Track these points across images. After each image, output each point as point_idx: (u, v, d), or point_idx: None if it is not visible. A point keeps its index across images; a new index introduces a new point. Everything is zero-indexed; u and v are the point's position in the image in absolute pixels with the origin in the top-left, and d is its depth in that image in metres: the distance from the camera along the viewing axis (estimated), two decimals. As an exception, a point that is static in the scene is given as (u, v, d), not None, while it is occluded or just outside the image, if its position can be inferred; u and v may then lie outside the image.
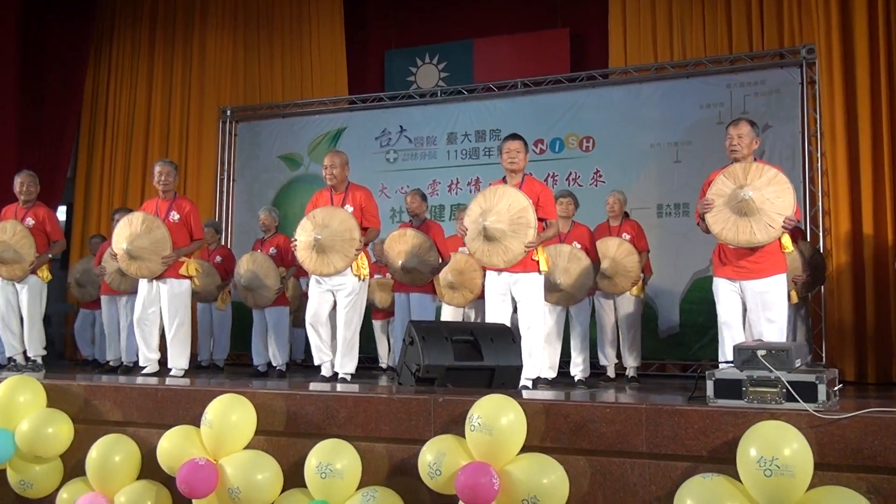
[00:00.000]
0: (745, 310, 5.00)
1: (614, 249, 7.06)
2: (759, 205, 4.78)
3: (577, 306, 6.89)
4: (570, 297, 6.70)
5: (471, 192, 9.21)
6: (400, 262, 6.89)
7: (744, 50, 8.54)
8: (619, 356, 7.43)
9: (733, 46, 8.60)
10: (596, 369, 7.33)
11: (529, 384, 5.48)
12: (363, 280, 6.06)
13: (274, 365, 7.80)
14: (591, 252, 6.78)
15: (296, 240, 6.06)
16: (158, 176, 6.57)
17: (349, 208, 6.06)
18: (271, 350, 7.83)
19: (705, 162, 7.94)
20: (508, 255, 5.41)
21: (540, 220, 5.48)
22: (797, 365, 3.53)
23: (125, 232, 6.37)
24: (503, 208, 5.40)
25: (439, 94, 9.87)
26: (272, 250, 7.74)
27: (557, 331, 6.85)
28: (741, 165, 4.90)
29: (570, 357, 7.02)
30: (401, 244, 6.98)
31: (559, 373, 6.84)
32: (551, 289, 6.48)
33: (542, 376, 6.62)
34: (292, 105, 10.48)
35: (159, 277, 6.41)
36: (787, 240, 4.94)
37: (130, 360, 7.88)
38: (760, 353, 3.49)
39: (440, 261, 7.02)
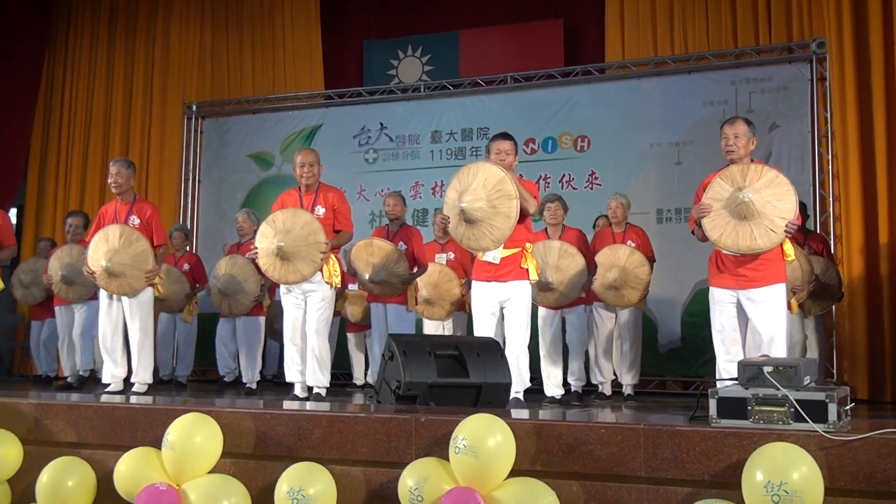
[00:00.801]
0: (743, 323, 5.02)
1: (624, 258, 7.06)
2: (760, 208, 4.80)
3: (572, 313, 6.93)
4: (563, 296, 6.71)
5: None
6: (367, 275, 6.92)
7: (750, 44, 8.60)
8: (614, 372, 7.45)
9: (738, 40, 8.66)
10: (589, 387, 7.34)
11: (520, 396, 5.49)
12: (334, 288, 6.06)
13: (243, 381, 7.76)
14: (587, 256, 6.79)
15: (256, 248, 6.05)
16: (111, 177, 6.54)
17: (320, 210, 6.05)
18: (242, 364, 7.80)
19: (708, 163, 7.96)
20: (496, 233, 5.43)
21: None
22: (806, 382, 3.54)
23: (102, 248, 6.30)
24: (478, 185, 5.41)
25: (422, 90, 9.87)
26: (250, 255, 7.71)
27: (557, 343, 6.88)
28: (739, 167, 4.93)
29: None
30: (367, 255, 6.97)
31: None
32: (542, 288, 6.51)
33: (550, 394, 6.67)
34: (263, 100, 10.47)
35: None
36: (789, 247, 4.96)
37: (86, 368, 7.82)
38: (767, 369, 3.51)
39: (413, 270, 7.03)
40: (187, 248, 9.04)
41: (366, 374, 8.52)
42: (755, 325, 4.93)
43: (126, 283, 6.30)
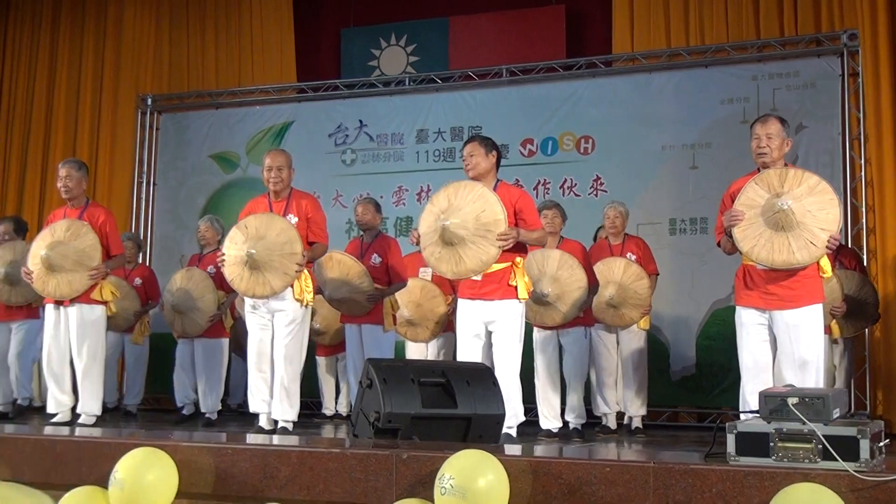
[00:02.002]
0: (774, 347, 5.02)
1: (620, 272, 7.09)
2: (800, 217, 4.80)
3: (569, 336, 6.91)
4: (559, 314, 6.70)
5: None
6: (326, 293, 6.94)
7: (774, 35, 8.64)
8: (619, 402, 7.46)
9: (761, 30, 8.70)
10: (592, 418, 7.33)
11: (513, 432, 5.49)
12: (306, 307, 6.05)
13: (203, 411, 7.72)
14: (588, 271, 6.81)
15: (223, 254, 6.04)
16: (60, 180, 6.53)
17: (292, 219, 6.06)
18: (201, 391, 7.75)
19: (727, 168, 8.01)
20: (460, 266, 5.45)
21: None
22: (835, 416, 3.55)
23: (45, 241, 6.33)
24: (470, 214, 5.42)
25: (407, 83, 9.90)
26: (211, 269, 7.69)
27: (554, 368, 6.88)
28: (777, 171, 4.93)
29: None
30: (327, 271, 7.00)
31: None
32: (538, 302, 6.50)
33: (547, 428, 6.66)
34: (228, 93, 10.47)
35: (69, 301, 6.36)
36: (826, 263, 4.95)
37: (25, 396, 7.76)
38: (791, 401, 3.51)
39: (388, 285, 7.03)
40: (139, 259, 9.02)
41: (336, 403, 8.53)
42: (787, 350, 4.91)
43: (65, 280, 6.28)
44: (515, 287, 5.56)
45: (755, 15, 8.75)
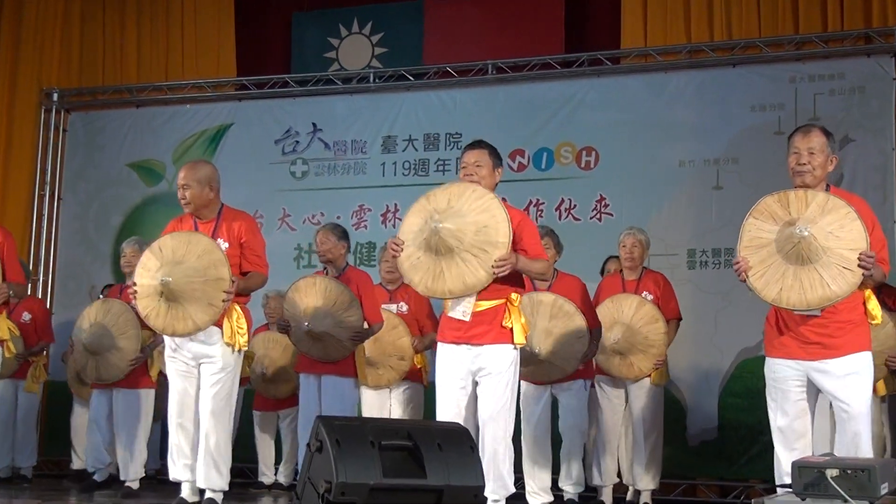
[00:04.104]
0: (812, 404, 5.05)
1: (631, 312, 7.11)
2: (823, 242, 4.82)
3: (567, 391, 6.90)
4: (555, 370, 6.71)
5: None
6: (306, 323, 6.86)
7: (815, 29, 8.72)
8: (619, 473, 7.46)
9: (800, 24, 8.77)
10: (588, 492, 7.30)
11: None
12: (239, 352, 6.02)
13: (122, 479, 7.64)
14: (588, 315, 6.82)
15: (134, 284, 6.02)
16: None
17: (222, 244, 6.02)
18: (119, 453, 7.66)
19: (757, 188, 7.97)
20: (437, 282, 5.41)
21: None
22: (883, 492, 3.58)
23: None
24: (471, 224, 5.37)
25: (372, 80, 9.92)
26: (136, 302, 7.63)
27: (545, 431, 6.87)
28: (773, 198, 4.94)
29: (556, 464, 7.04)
30: (309, 297, 6.95)
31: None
32: (526, 360, 6.49)
33: None
34: (152, 88, 10.48)
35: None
36: (875, 307, 4.97)
37: None
38: (831, 473, 3.55)
39: (367, 325, 7.01)
40: (28, 290, 8.94)
41: (276, 470, 8.49)
42: (836, 401, 4.94)
43: None
44: (510, 329, 5.48)
45: (793, 5, 8.82)
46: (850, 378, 4.92)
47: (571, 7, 9.66)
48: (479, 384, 5.55)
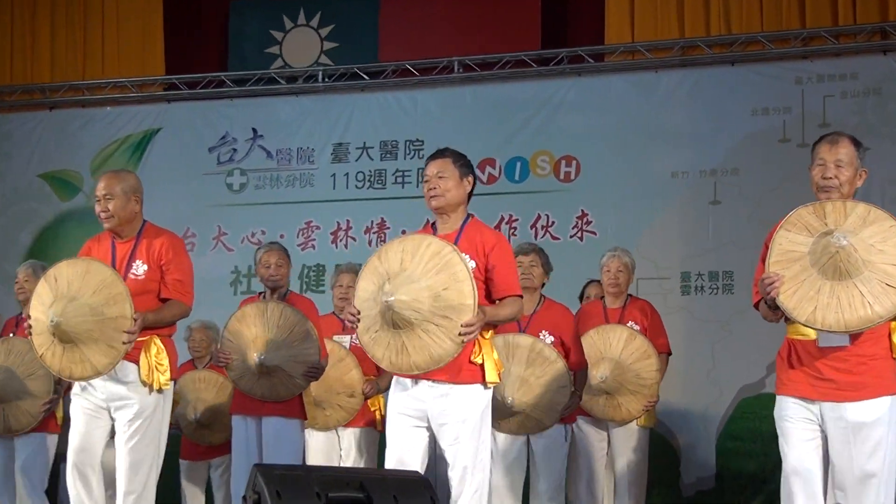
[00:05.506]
0: (823, 453, 5.04)
1: (620, 346, 7.11)
2: (864, 255, 4.80)
3: (542, 440, 6.85)
4: (532, 422, 6.69)
5: (372, 244, 9.20)
6: (256, 356, 6.82)
7: (825, 24, 8.81)
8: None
9: (807, 17, 8.86)
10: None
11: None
12: (160, 391, 5.95)
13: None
14: (573, 350, 6.82)
15: (29, 318, 5.96)
16: None
17: (140, 267, 5.97)
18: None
19: (759, 203, 8.12)
20: (401, 357, 5.35)
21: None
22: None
23: None
24: (426, 289, 5.30)
25: (321, 78, 9.98)
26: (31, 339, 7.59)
27: (516, 482, 6.85)
28: (807, 209, 4.93)
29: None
30: (257, 327, 6.91)
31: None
32: (501, 411, 6.46)
33: None
34: (69, 88, 10.50)
35: None
36: (902, 340, 5.00)
37: None
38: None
39: (321, 359, 6.98)
40: None
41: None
42: (844, 457, 4.88)
43: None
44: (481, 366, 5.39)
45: (800, -3, 8.92)
46: (869, 426, 4.79)
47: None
48: (439, 432, 5.44)
